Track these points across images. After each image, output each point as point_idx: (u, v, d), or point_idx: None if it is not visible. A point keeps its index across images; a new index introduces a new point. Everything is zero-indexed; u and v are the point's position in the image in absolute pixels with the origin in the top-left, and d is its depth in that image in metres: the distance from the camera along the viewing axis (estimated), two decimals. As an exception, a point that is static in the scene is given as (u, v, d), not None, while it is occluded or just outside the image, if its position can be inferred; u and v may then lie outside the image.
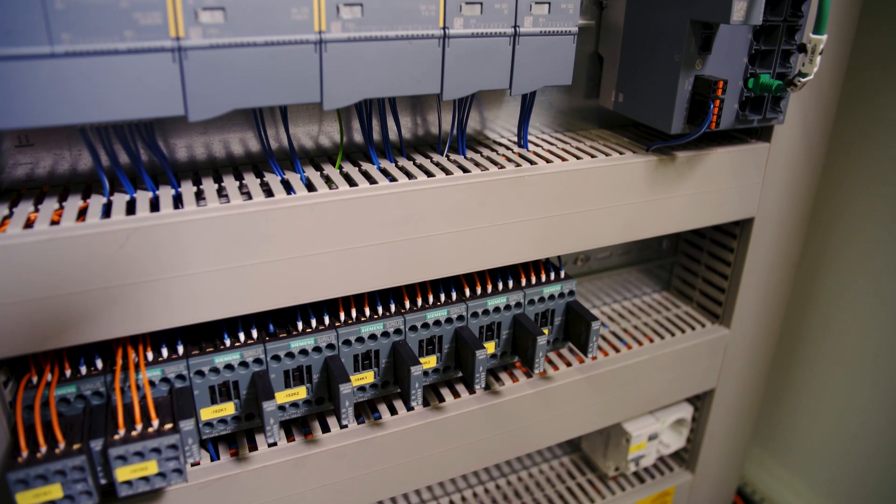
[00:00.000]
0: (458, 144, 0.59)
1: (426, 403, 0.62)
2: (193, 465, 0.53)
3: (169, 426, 0.47)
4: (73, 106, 0.40)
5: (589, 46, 0.66)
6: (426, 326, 0.58)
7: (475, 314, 0.60)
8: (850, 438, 0.96)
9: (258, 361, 0.53)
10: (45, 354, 0.49)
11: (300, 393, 0.55)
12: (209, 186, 0.50)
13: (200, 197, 0.49)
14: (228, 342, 0.53)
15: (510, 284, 0.62)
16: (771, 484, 1.08)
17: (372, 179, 0.53)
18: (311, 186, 0.51)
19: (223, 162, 0.55)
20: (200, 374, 0.51)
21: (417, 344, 0.59)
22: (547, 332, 0.65)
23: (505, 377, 0.67)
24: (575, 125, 0.69)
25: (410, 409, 0.61)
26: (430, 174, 0.54)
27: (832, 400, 0.98)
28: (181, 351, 0.51)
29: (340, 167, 0.56)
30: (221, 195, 0.50)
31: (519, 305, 0.62)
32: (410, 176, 0.54)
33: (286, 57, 0.44)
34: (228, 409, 0.53)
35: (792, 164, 0.71)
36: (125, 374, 0.49)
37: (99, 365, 0.49)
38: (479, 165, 0.57)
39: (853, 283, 0.92)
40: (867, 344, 0.91)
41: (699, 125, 0.57)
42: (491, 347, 0.63)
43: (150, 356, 0.50)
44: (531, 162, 0.58)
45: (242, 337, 0.53)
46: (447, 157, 0.59)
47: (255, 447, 0.56)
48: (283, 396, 0.55)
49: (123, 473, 0.46)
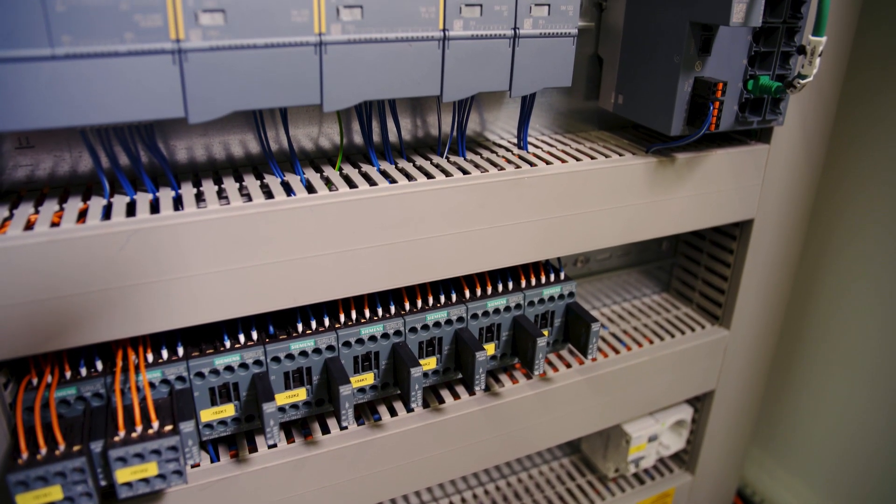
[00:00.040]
0: (457, 146, 0.59)
1: (426, 405, 0.62)
2: (193, 466, 0.53)
3: (169, 428, 0.47)
4: (73, 108, 0.40)
5: (588, 48, 0.66)
6: (426, 328, 0.58)
7: (475, 316, 0.60)
8: (850, 439, 0.96)
9: (258, 363, 0.53)
10: (45, 356, 0.49)
11: (300, 394, 0.55)
12: (209, 188, 0.50)
13: (200, 199, 0.49)
14: (228, 344, 0.53)
15: (510, 286, 0.62)
16: (771, 485, 1.08)
17: (372, 181, 0.53)
18: (310, 188, 0.51)
19: (223, 163, 0.55)
20: (200, 375, 0.51)
21: (417, 345, 0.59)
22: (547, 333, 0.65)
23: (505, 379, 0.67)
24: (574, 127, 0.69)
25: (410, 410, 0.61)
26: (429, 176, 0.54)
27: (832, 401, 0.98)
28: (181, 353, 0.51)
29: (340, 169, 0.56)
30: (221, 197, 0.50)
31: (519, 307, 0.62)
32: (410, 178, 0.54)
33: (286, 59, 0.44)
34: (228, 410, 0.53)
35: (791, 165, 0.71)
36: (125, 375, 0.49)
37: (99, 367, 0.49)
38: (478, 167, 0.57)
39: (853, 283, 0.92)
40: (867, 344, 0.91)
41: (699, 127, 0.57)
42: (491, 349, 0.63)
43: (150, 358, 0.50)
44: (531, 163, 0.58)
45: (242, 339, 0.53)
46: (447, 158, 0.59)
47: (255, 449, 0.56)
48: (283, 398, 0.55)
49: (123, 475, 0.46)
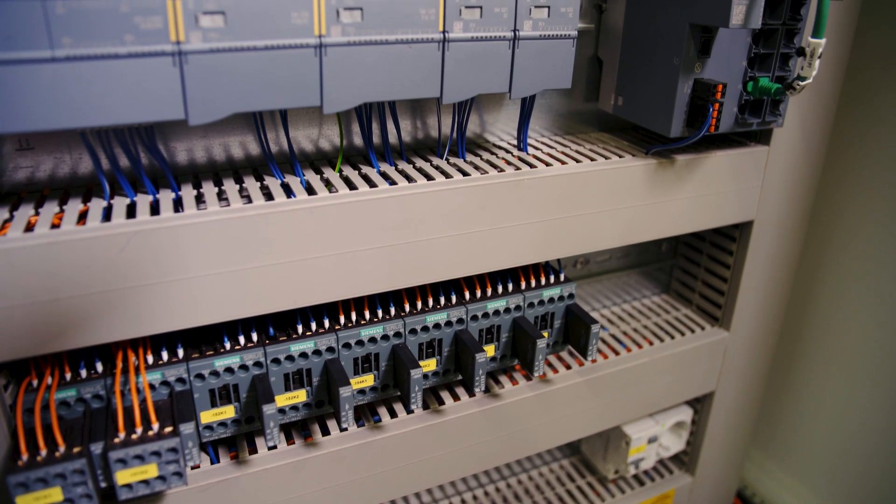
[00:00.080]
0: (457, 148, 0.59)
1: (426, 406, 0.62)
2: (193, 468, 0.53)
3: (169, 429, 0.47)
4: (73, 110, 0.40)
5: (588, 50, 0.66)
6: (426, 329, 0.58)
7: (475, 317, 0.60)
8: (849, 440, 0.96)
9: (258, 365, 0.53)
10: (45, 358, 0.49)
11: (300, 396, 0.55)
12: (209, 190, 0.50)
13: (200, 200, 0.49)
14: (228, 345, 0.53)
15: (510, 287, 0.62)
16: (770, 486, 1.08)
17: (372, 183, 0.53)
18: (310, 190, 0.51)
19: (223, 165, 0.55)
20: (200, 377, 0.51)
21: (417, 347, 0.59)
22: (546, 335, 0.65)
23: (505, 380, 0.67)
24: (574, 128, 0.69)
25: (410, 412, 0.61)
26: (429, 178, 0.54)
27: (832, 402, 0.98)
28: (181, 354, 0.51)
29: (340, 170, 0.56)
30: (221, 199, 0.50)
31: (518, 308, 0.62)
32: (410, 179, 0.54)
33: (286, 61, 0.44)
34: (228, 412, 0.53)
35: (791, 167, 0.72)
36: (125, 377, 0.49)
37: (99, 368, 0.49)
38: (478, 169, 0.57)
39: (853, 284, 0.92)
40: (867, 345, 0.91)
41: (698, 128, 0.58)
42: (491, 350, 0.63)
43: (150, 359, 0.50)
44: (531, 165, 0.58)
45: (242, 340, 0.53)
46: (447, 160, 0.59)
47: (255, 450, 0.56)
48: (282, 399, 0.55)
49: (123, 476, 0.46)
